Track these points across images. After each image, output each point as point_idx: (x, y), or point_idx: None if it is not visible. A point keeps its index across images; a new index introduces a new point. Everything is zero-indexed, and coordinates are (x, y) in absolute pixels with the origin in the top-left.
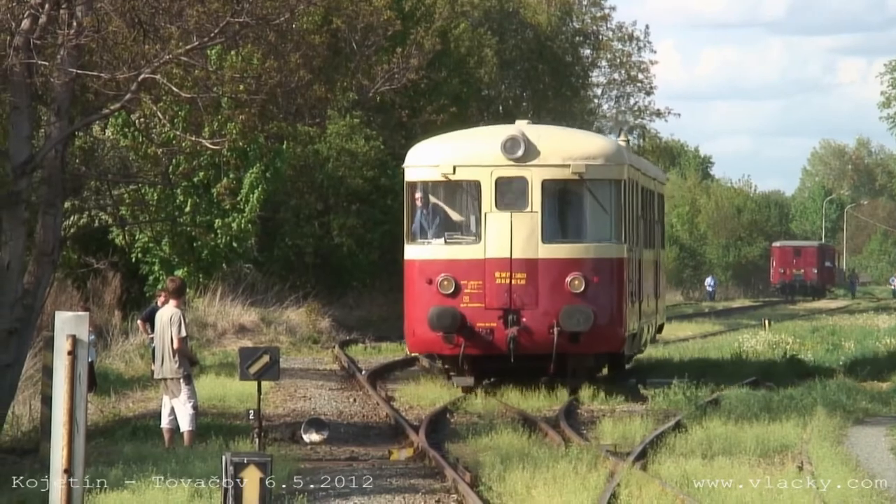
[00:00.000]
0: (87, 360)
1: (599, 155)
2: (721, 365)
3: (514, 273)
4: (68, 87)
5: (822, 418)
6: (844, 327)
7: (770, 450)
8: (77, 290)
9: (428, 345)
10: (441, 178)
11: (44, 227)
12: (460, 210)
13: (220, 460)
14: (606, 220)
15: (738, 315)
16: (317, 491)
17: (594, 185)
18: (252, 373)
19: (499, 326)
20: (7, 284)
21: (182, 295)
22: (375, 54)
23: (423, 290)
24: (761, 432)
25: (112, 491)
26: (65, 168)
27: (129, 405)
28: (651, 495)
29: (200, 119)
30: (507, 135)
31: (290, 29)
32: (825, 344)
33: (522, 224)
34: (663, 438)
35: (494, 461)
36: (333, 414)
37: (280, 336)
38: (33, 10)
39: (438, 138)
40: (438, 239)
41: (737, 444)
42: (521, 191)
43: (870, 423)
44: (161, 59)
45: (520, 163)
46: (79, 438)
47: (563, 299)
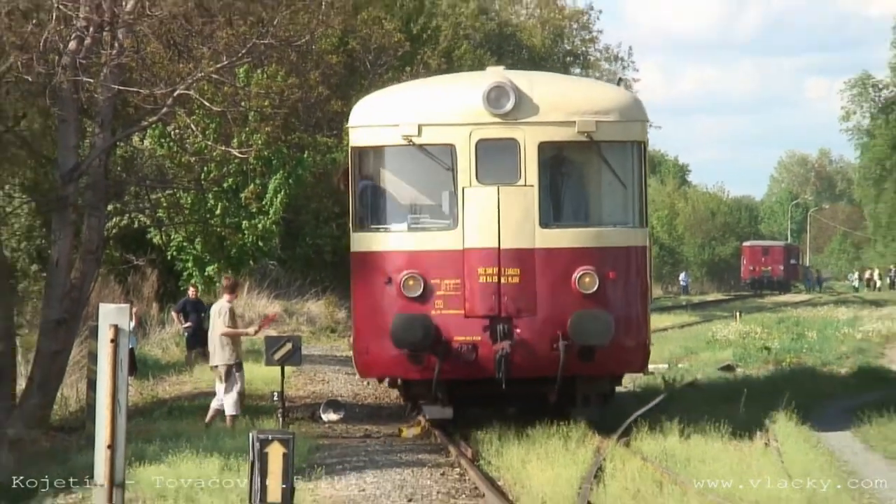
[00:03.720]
0: (128, 347)
1: (613, 108)
2: (698, 352)
3: (504, 269)
4: (111, 102)
5: (787, 400)
6: (807, 318)
7: (740, 428)
8: (119, 284)
9: (387, 366)
10: (401, 142)
11: (89, 227)
12: (428, 185)
13: (248, 437)
14: (624, 195)
15: (712, 308)
16: (334, 465)
17: (608, 149)
18: (276, 359)
19: (484, 341)
20: (56, 279)
21: (234, 291)
22: (387, 73)
23: (378, 293)
24: (733, 412)
25: (150, 464)
26: (107, 175)
27: (166, 388)
28: (633, 468)
29: (229, 131)
30: (490, 83)
31: (310, 50)
32: (790, 333)
33: (513, 202)
34: (645, 418)
35: (493, 439)
36: (349, 396)
37: (301, 326)
38: (79, 33)
39: (396, 88)
40: (399, 224)
41: (711, 423)
42: (511, 157)
43: (830, 404)
44: (194, 77)
45: (508, 120)
46: (120, 418)
47: (570, 303)
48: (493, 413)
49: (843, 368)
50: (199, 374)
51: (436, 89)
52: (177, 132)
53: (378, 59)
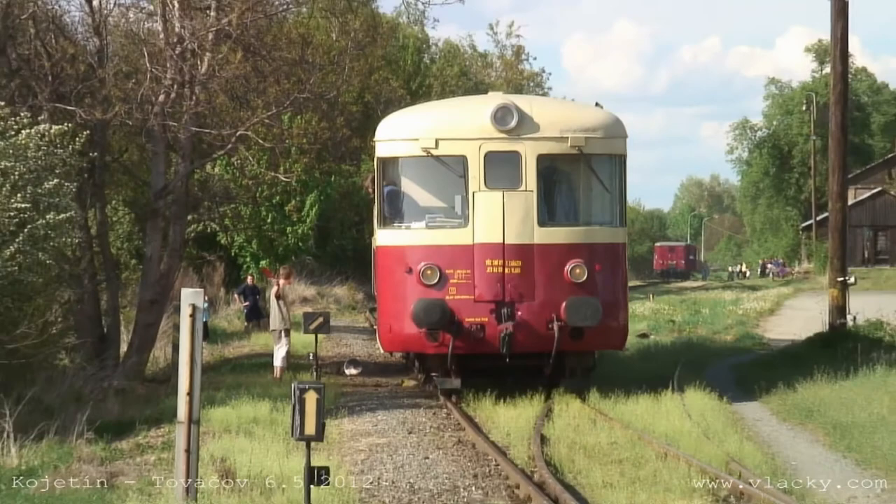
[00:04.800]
0: (203, 320)
1: (599, 126)
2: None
3: (508, 261)
4: (190, 140)
5: (687, 358)
6: (702, 299)
7: (654, 380)
8: (195, 274)
9: (407, 343)
10: (421, 154)
11: (174, 232)
12: (443, 189)
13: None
14: (608, 199)
15: (632, 291)
16: (354, 407)
17: (595, 161)
18: (312, 328)
19: (491, 321)
20: (150, 270)
21: (288, 278)
22: None
23: (401, 281)
24: (647, 367)
25: (218, 407)
26: (188, 193)
27: (230, 350)
28: (574, 410)
29: (277, 161)
30: (497, 104)
31: (337, 101)
32: (690, 310)
33: (516, 205)
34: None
35: (471, 390)
36: (365, 356)
37: (330, 304)
38: (166, 90)
39: (417, 108)
40: (418, 222)
41: (632, 376)
42: (514, 167)
43: (718, 362)
44: (251, 122)
45: (512, 135)
46: (197, 372)
47: (563, 290)
48: (490, 382)
49: (728, 336)
50: (254, 340)
51: (450, 110)
52: (238, 161)
53: (386, 108)
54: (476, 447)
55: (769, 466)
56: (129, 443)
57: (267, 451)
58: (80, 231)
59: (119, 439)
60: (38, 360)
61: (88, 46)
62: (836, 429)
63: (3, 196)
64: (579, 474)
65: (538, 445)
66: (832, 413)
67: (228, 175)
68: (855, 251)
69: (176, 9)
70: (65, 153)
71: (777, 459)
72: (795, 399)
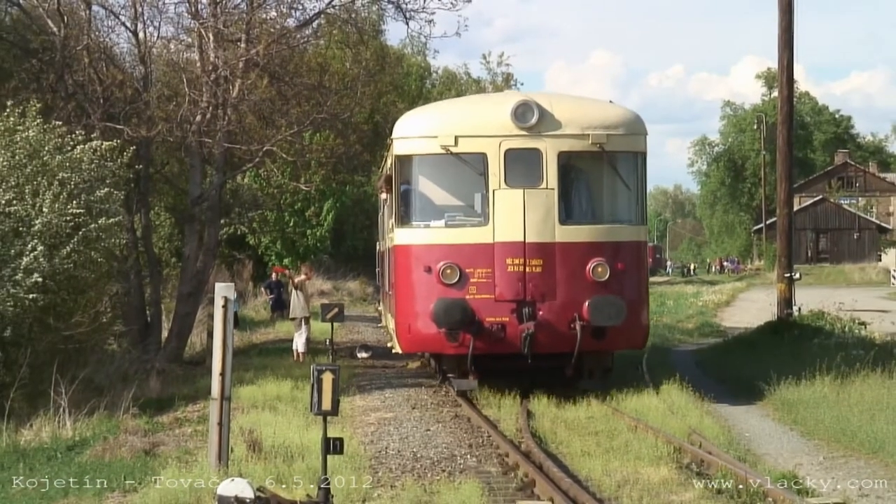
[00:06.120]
0: (233, 310)
1: (621, 123)
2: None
3: (529, 260)
4: (223, 155)
5: (653, 344)
6: (667, 292)
7: (623, 366)
8: (227, 270)
9: (427, 343)
10: (440, 151)
11: (209, 234)
12: (463, 187)
13: (310, 369)
14: (629, 197)
15: None
16: (365, 386)
17: (616, 158)
18: (328, 318)
19: (512, 321)
20: (187, 267)
21: (309, 273)
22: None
23: (420, 280)
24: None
25: (247, 385)
26: (221, 200)
27: (257, 337)
28: (556, 389)
29: (299, 172)
30: (517, 100)
31: (350, 121)
32: (656, 302)
33: (536, 203)
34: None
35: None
36: (374, 341)
37: (344, 297)
38: (202, 111)
39: (436, 105)
40: (438, 221)
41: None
42: (535, 164)
43: (682, 347)
44: (276, 138)
45: (532, 132)
46: (228, 355)
47: (585, 289)
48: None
49: (689, 324)
50: (278, 328)
51: (469, 107)
52: (265, 173)
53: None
54: (471, 421)
55: (726, 438)
56: (168, 417)
57: (289, 425)
58: (127, 233)
59: (160, 414)
60: (90, 345)
61: (135, 73)
62: (784, 405)
63: (60, 203)
64: (561, 444)
65: (525, 419)
66: (780, 391)
67: (256, 185)
68: (800, 251)
69: (211, 41)
70: (114, 166)
71: (732, 432)
72: (749, 379)
